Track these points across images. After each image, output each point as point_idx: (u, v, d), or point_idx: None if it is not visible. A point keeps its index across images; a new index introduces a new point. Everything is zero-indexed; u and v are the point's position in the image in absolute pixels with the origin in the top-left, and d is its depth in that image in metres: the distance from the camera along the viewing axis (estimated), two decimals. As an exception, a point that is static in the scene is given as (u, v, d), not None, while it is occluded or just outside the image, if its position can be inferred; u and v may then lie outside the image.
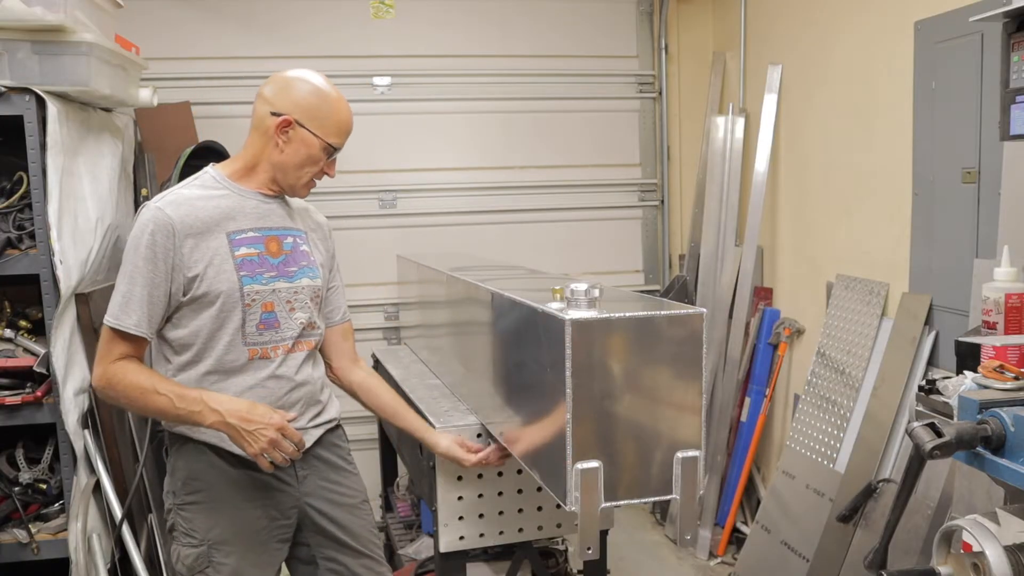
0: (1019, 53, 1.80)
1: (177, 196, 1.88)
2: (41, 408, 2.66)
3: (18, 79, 2.55)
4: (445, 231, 4.26)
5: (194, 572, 1.90)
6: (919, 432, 1.43)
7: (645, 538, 4.03)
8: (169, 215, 1.82)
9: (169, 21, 3.91)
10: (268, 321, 1.91)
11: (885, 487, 2.78)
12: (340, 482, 2.08)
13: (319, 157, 1.91)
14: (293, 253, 1.98)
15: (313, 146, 1.89)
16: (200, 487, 1.92)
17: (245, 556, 1.92)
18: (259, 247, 1.92)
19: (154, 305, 1.83)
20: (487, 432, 2.24)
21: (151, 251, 1.81)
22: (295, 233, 2.01)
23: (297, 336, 1.97)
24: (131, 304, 1.81)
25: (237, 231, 1.90)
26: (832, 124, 3.41)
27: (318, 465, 2.05)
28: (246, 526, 1.93)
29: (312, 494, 2.03)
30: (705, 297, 4.12)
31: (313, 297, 2.01)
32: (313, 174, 1.94)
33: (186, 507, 1.93)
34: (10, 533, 2.69)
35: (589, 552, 1.59)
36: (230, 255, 1.87)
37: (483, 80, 4.24)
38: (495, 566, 2.62)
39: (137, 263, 1.81)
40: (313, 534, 2.04)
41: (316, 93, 1.90)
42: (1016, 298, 1.87)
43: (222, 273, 1.86)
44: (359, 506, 2.11)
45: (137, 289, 1.81)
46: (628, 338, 1.58)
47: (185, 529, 1.92)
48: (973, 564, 1.42)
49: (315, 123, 1.88)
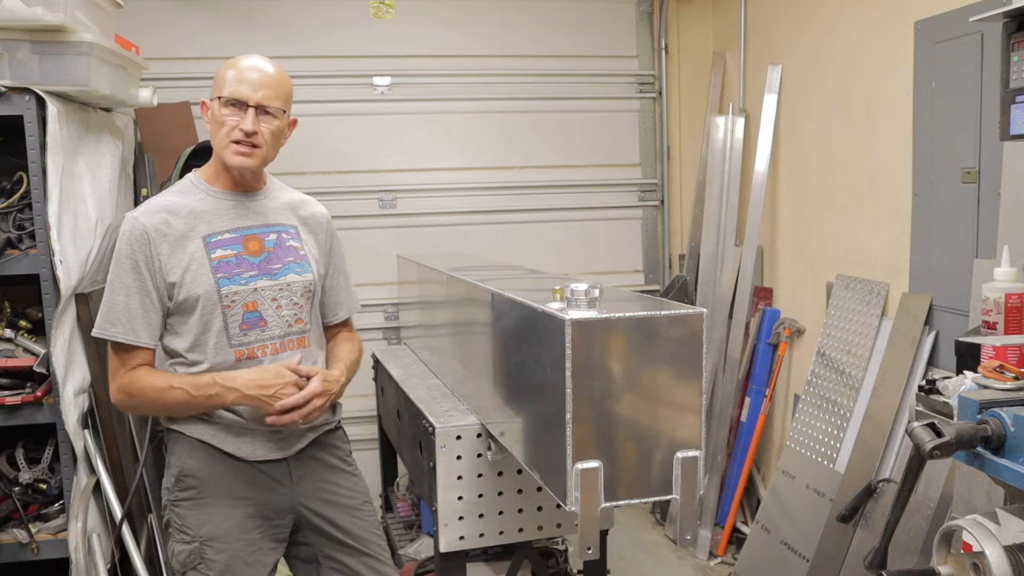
0: (1019, 53, 1.80)
1: (152, 204, 1.92)
2: (41, 408, 2.65)
3: (18, 79, 2.55)
4: (445, 231, 4.26)
5: (187, 568, 1.91)
6: (919, 432, 1.43)
7: (645, 538, 4.03)
8: (143, 223, 1.87)
9: (169, 21, 3.91)
10: (251, 321, 1.92)
11: (885, 487, 2.78)
12: (338, 483, 2.07)
13: (221, 116, 1.88)
14: (277, 249, 1.98)
15: (215, 108, 1.89)
16: (193, 484, 1.93)
17: (237, 554, 1.92)
18: (236, 248, 1.93)
19: (148, 312, 1.86)
20: (487, 432, 2.24)
21: (132, 260, 1.86)
22: (279, 229, 2.00)
23: (285, 334, 1.97)
24: (114, 313, 1.85)
25: (212, 234, 1.91)
26: (832, 124, 3.40)
27: (314, 466, 2.05)
28: (238, 524, 1.93)
29: (307, 495, 2.02)
30: (705, 297, 4.12)
31: (304, 293, 2.00)
32: (226, 135, 1.88)
33: (179, 503, 1.94)
34: (10, 533, 2.68)
35: (589, 552, 1.59)
36: (206, 258, 1.89)
37: (483, 80, 4.24)
38: (495, 566, 2.62)
39: (119, 274, 1.86)
40: (313, 534, 2.04)
41: (220, 69, 1.91)
42: (1016, 298, 1.87)
43: (199, 277, 1.88)
44: (359, 507, 2.09)
45: (120, 298, 1.85)
46: (628, 338, 1.58)
47: (178, 525, 1.93)
48: (973, 564, 1.42)
49: (215, 90, 1.90)
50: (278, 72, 1.92)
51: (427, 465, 2.31)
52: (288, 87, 1.94)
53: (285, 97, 1.92)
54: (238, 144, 1.88)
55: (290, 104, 1.95)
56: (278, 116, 1.90)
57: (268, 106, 1.88)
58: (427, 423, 2.32)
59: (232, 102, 1.86)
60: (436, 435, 2.25)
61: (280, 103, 1.90)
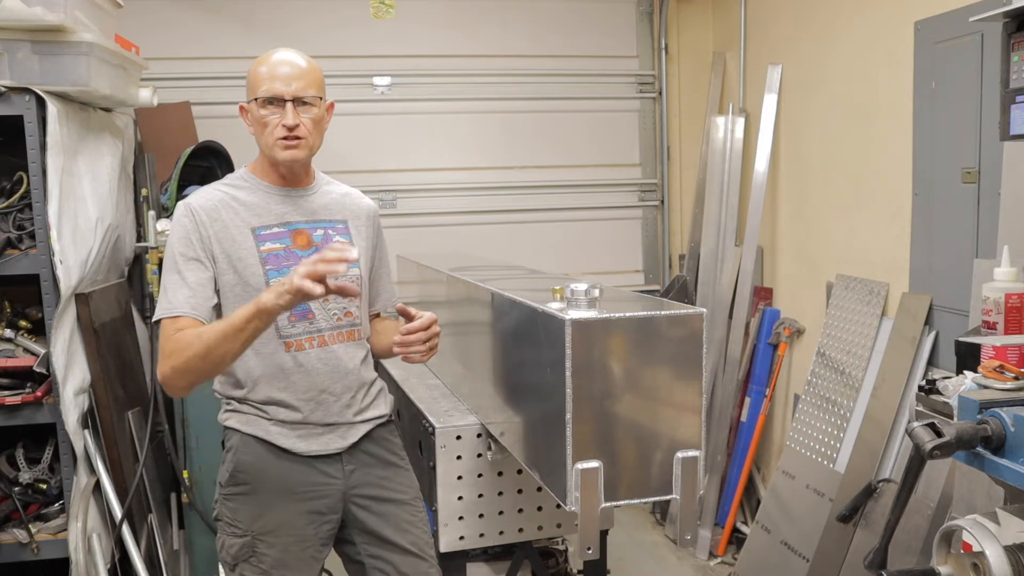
0: (1019, 53, 1.80)
1: (204, 192, 1.96)
2: (41, 408, 2.65)
3: (18, 79, 2.55)
4: (445, 231, 4.25)
5: (238, 561, 1.92)
6: (919, 432, 1.43)
7: (645, 538, 4.03)
8: (194, 207, 1.91)
9: (169, 21, 3.91)
10: (300, 313, 1.92)
11: (885, 487, 2.78)
12: (389, 478, 2.06)
13: (262, 117, 1.89)
14: (324, 245, 1.97)
15: (254, 110, 1.91)
16: (246, 479, 1.94)
17: (288, 549, 1.92)
18: (285, 241, 1.94)
19: (202, 286, 1.86)
20: (487, 432, 2.24)
21: (186, 243, 1.88)
22: (327, 224, 2.02)
23: (334, 327, 1.97)
24: (171, 291, 1.85)
25: (262, 226, 1.94)
26: (832, 124, 3.40)
27: (366, 460, 2.03)
28: (289, 519, 1.93)
29: (358, 489, 2.01)
30: (705, 297, 4.12)
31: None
32: (271, 133, 1.89)
33: (232, 498, 1.95)
34: (10, 533, 2.68)
35: (589, 552, 1.59)
36: (256, 250, 1.91)
37: (483, 80, 4.24)
38: (495, 566, 2.62)
39: (174, 255, 1.88)
40: (358, 532, 2.03)
41: (249, 70, 1.93)
42: (1016, 298, 1.87)
43: (248, 268, 1.89)
44: (410, 502, 2.07)
45: (175, 277, 1.86)
46: (628, 338, 1.58)
47: (230, 519, 1.94)
48: (973, 564, 1.42)
49: (250, 93, 1.92)
50: (307, 61, 1.94)
51: (427, 465, 2.31)
52: (319, 73, 1.95)
53: (318, 84, 1.94)
54: (284, 140, 1.90)
55: (324, 89, 1.97)
56: (315, 104, 1.92)
57: (304, 96, 1.89)
58: (427, 423, 2.32)
59: (269, 100, 1.88)
60: (436, 435, 2.25)
61: (315, 91, 1.92)
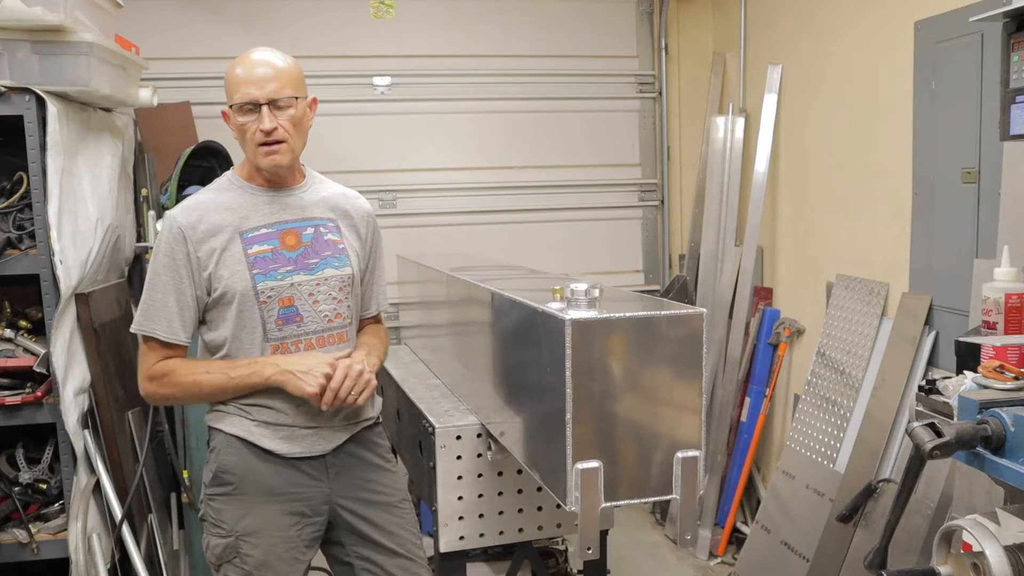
0: (1019, 53, 1.80)
1: (190, 202, 1.95)
2: (41, 408, 2.65)
3: (18, 79, 2.55)
4: (445, 231, 4.25)
5: (222, 562, 1.93)
6: (919, 432, 1.43)
7: (645, 538, 4.03)
8: (180, 222, 1.90)
9: (169, 21, 3.91)
10: (287, 316, 1.93)
11: (885, 487, 2.78)
12: (376, 480, 2.06)
13: (241, 124, 1.87)
14: (314, 244, 1.98)
15: (234, 117, 1.89)
16: (230, 479, 1.94)
17: (272, 549, 1.92)
18: (273, 243, 1.94)
19: (184, 310, 1.90)
20: (487, 432, 2.24)
21: (170, 259, 1.89)
22: (317, 223, 2.00)
23: (323, 329, 1.97)
24: (153, 310, 1.89)
25: (249, 229, 1.93)
26: (832, 124, 3.40)
27: (351, 462, 2.03)
28: (274, 520, 1.93)
29: (344, 491, 2.01)
30: (705, 297, 4.12)
31: (342, 287, 2.00)
32: (251, 140, 1.88)
33: (216, 498, 1.95)
34: (10, 533, 2.68)
35: (589, 552, 1.59)
36: (243, 254, 1.90)
37: (483, 80, 4.24)
38: (495, 566, 2.62)
39: (157, 271, 1.90)
40: (346, 533, 2.03)
41: (226, 72, 1.90)
42: (1016, 298, 1.87)
43: (236, 273, 1.89)
44: (397, 504, 2.08)
45: (158, 296, 1.89)
46: (628, 338, 1.58)
47: (214, 519, 1.95)
48: (973, 564, 1.42)
49: (228, 98, 1.90)
50: (283, 59, 1.89)
51: (427, 465, 2.31)
52: (294, 71, 1.90)
53: (295, 83, 1.89)
54: (265, 146, 1.87)
55: (302, 87, 1.92)
56: (292, 104, 1.87)
57: (279, 99, 1.85)
58: (427, 423, 2.32)
59: (244, 107, 1.86)
60: (436, 435, 2.25)
61: (291, 90, 1.87)
